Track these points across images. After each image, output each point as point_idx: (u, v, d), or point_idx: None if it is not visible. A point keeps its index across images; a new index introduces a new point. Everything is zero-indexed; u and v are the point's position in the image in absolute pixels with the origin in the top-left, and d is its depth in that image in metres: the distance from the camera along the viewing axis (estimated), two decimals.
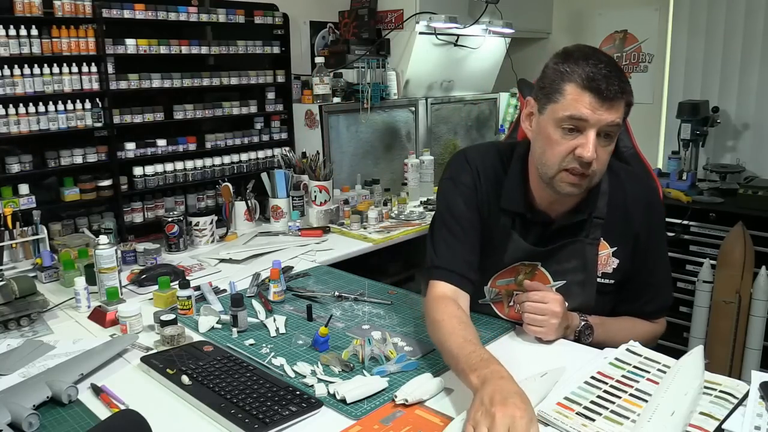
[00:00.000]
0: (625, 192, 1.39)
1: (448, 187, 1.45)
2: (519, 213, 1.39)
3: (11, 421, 1.06)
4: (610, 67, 1.20)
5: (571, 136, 1.23)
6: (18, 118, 2.02)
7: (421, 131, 3.20)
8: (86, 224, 2.26)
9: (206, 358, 1.29)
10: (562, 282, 1.40)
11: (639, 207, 1.39)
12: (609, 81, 1.18)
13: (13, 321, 1.54)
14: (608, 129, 1.22)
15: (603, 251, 1.39)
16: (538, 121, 1.30)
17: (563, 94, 1.21)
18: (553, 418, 1.04)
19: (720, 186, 3.03)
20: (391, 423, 1.07)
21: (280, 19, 2.67)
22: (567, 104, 1.21)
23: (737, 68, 3.20)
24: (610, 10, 3.64)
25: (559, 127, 1.23)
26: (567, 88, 1.21)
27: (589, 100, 1.19)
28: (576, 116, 1.20)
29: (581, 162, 1.22)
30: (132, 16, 2.21)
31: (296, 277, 1.88)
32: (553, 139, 1.24)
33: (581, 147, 1.21)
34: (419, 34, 2.97)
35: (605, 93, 1.18)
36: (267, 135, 2.72)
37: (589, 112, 1.19)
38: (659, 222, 1.45)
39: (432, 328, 1.29)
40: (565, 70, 1.22)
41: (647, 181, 1.49)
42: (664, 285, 1.48)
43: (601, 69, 1.19)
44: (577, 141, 1.22)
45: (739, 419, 1.04)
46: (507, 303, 1.46)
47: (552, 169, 1.27)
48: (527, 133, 1.36)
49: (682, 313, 2.87)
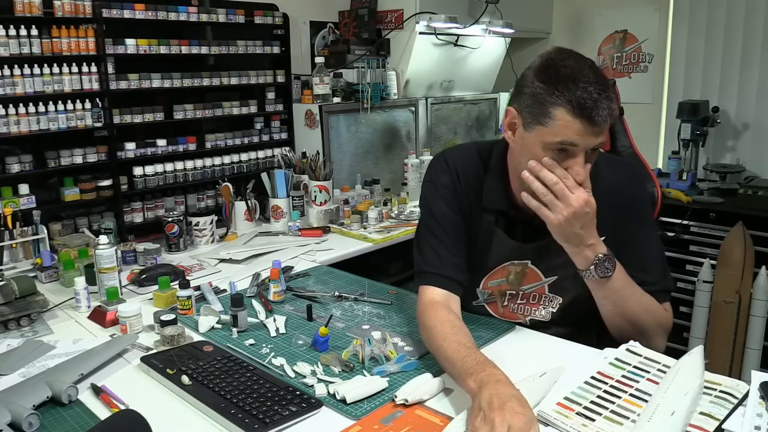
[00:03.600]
0: (606, 180, 1.35)
1: (428, 190, 1.45)
2: (501, 211, 1.39)
3: (11, 421, 1.06)
4: (599, 87, 1.16)
5: (560, 158, 1.21)
6: (18, 118, 2.02)
7: (421, 131, 3.20)
8: (86, 224, 2.26)
9: (206, 358, 1.29)
10: (554, 277, 1.39)
11: (619, 193, 1.35)
12: (599, 106, 1.15)
13: (13, 321, 1.54)
14: (595, 148, 1.21)
15: None
16: (522, 136, 1.26)
17: (553, 119, 1.17)
18: (553, 418, 1.05)
19: (720, 186, 3.03)
20: (391, 423, 1.07)
21: (280, 19, 2.67)
22: (557, 130, 1.17)
23: (737, 68, 3.20)
24: (610, 10, 3.64)
25: (548, 150, 1.21)
26: (557, 114, 1.17)
27: (580, 127, 1.16)
28: (567, 142, 1.18)
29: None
30: (132, 16, 2.21)
31: (296, 277, 1.88)
32: (541, 158, 1.22)
33: (571, 170, 1.20)
34: (419, 34, 2.97)
35: (596, 119, 1.15)
36: (267, 135, 2.72)
37: (580, 138, 1.17)
38: (643, 209, 1.40)
39: (426, 335, 1.29)
40: (554, 93, 1.16)
41: (627, 167, 1.45)
42: (660, 268, 1.40)
43: (592, 93, 1.15)
44: (566, 163, 1.21)
45: (739, 419, 1.04)
46: (501, 303, 1.45)
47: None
48: (509, 141, 1.32)
49: (682, 313, 2.86)
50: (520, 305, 1.44)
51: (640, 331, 1.33)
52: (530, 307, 1.43)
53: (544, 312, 1.42)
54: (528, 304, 1.43)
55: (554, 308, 1.41)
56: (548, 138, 1.19)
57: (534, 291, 1.42)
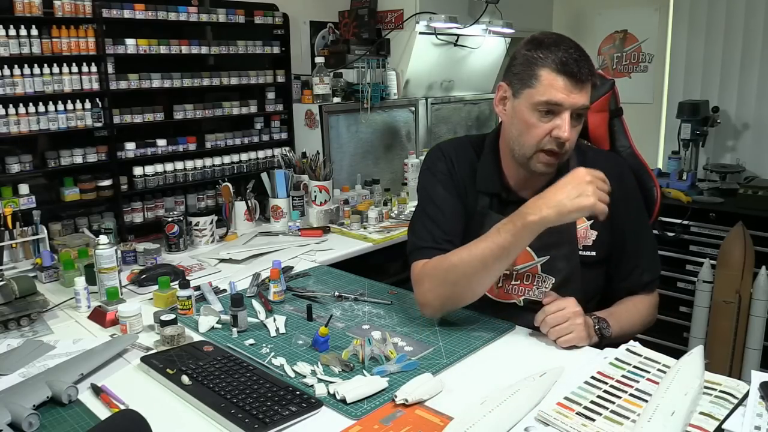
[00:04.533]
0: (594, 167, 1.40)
1: (426, 177, 1.54)
2: (494, 193, 1.47)
3: (11, 421, 1.06)
4: (578, 51, 1.29)
5: (547, 119, 1.31)
6: (18, 118, 2.02)
7: (421, 131, 3.20)
8: (86, 224, 2.26)
9: (206, 358, 1.29)
10: (547, 257, 1.44)
11: (609, 180, 1.39)
12: (580, 65, 1.28)
13: (13, 321, 1.54)
14: (579, 110, 1.31)
15: (581, 225, 1.45)
16: (513, 105, 1.37)
17: (538, 80, 1.29)
18: (553, 418, 1.04)
19: (720, 186, 3.03)
20: (391, 423, 1.07)
21: (280, 19, 2.67)
22: (543, 89, 1.29)
23: (737, 68, 3.21)
24: (610, 10, 3.64)
25: (536, 111, 1.31)
26: (542, 74, 1.29)
27: (563, 83, 1.28)
28: (552, 101, 1.29)
29: (558, 143, 1.32)
30: (132, 16, 2.21)
31: (296, 277, 1.88)
32: (530, 122, 1.33)
33: (557, 129, 1.30)
34: (419, 34, 2.97)
35: (578, 76, 1.27)
36: (267, 135, 2.72)
37: (564, 96, 1.28)
38: (633, 193, 1.50)
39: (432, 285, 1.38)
40: (539, 56, 1.29)
41: (615, 157, 1.56)
42: (653, 253, 1.54)
43: (572, 54, 1.28)
44: (553, 123, 1.31)
45: (739, 419, 1.03)
46: (496, 284, 1.49)
47: (530, 150, 1.35)
48: (501, 116, 1.43)
49: (682, 313, 2.86)
50: (514, 286, 1.48)
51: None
52: (524, 287, 1.47)
53: (538, 292, 1.46)
54: (522, 284, 1.47)
55: (547, 288, 1.45)
56: (535, 98, 1.30)
57: (527, 271, 1.46)
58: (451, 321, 1.47)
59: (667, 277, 2.89)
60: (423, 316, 1.48)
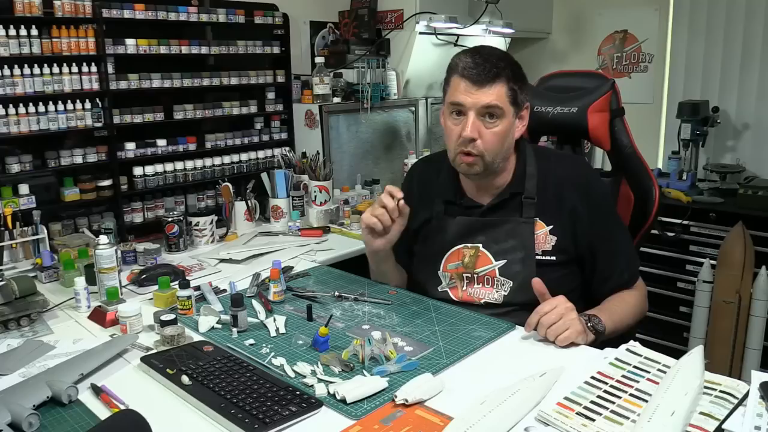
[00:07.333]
0: (555, 174, 1.52)
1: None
2: (449, 201, 1.59)
3: (11, 421, 1.06)
4: (488, 57, 1.39)
5: (458, 120, 1.43)
6: (18, 118, 2.02)
7: (421, 131, 3.20)
8: (86, 224, 2.26)
9: (206, 358, 1.29)
10: (504, 261, 1.52)
11: (570, 186, 1.51)
12: (480, 68, 1.38)
13: (13, 321, 1.54)
14: (488, 110, 1.40)
15: (540, 230, 1.51)
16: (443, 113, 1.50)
17: (449, 84, 1.44)
18: (553, 418, 1.04)
19: (720, 186, 3.03)
20: (391, 423, 1.07)
21: (280, 19, 2.67)
22: (451, 93, 1.43)
23: (737, 68, 3.21)
24: (610, 10, 3.64)
25: (450, 115, 1.45)
26: (452, 80, 1.43)
27: (464, 86, 1.40)
28: (455, 102, 1.41)
29: (464, 141, 1.41)
30: (132, 16, 2.21)
31: (296, 277, 1.88)
32: (447, 125, 1.47)
33: (463, 129, 1.41)
34: (419, 34, 2.98)
35: (476, 78, 1.38)
36: (267, 135, 2.72)
37: (464, 96, 1.40)
38: (600, 199, 1.54)
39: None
40: (452, 65, 1.44)
41: (577, 162, 1.64)
42: (629, 250, 1.58)
43: (477, 59, 1.39)
44: (462, 124, 1.42)
45: (739, 419, 1.03)
46: (461, 287, 1.57)
47: (452, 153, 1.47)
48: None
49: (682, 313, 2.87)
50: (476, 289, 1.56)
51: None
52: (484, 290, 1.55)
53: (497, 295, 1.54)
54: (483, 288, 1.55)
55: (506, 291, 1.53)
56: (447, 102, 1.45)
57: (486, 274, 1.54)
58: (451, 321, 1.47)
59: (667, 277, 2.90)
60: (423, 316, 1.48)
